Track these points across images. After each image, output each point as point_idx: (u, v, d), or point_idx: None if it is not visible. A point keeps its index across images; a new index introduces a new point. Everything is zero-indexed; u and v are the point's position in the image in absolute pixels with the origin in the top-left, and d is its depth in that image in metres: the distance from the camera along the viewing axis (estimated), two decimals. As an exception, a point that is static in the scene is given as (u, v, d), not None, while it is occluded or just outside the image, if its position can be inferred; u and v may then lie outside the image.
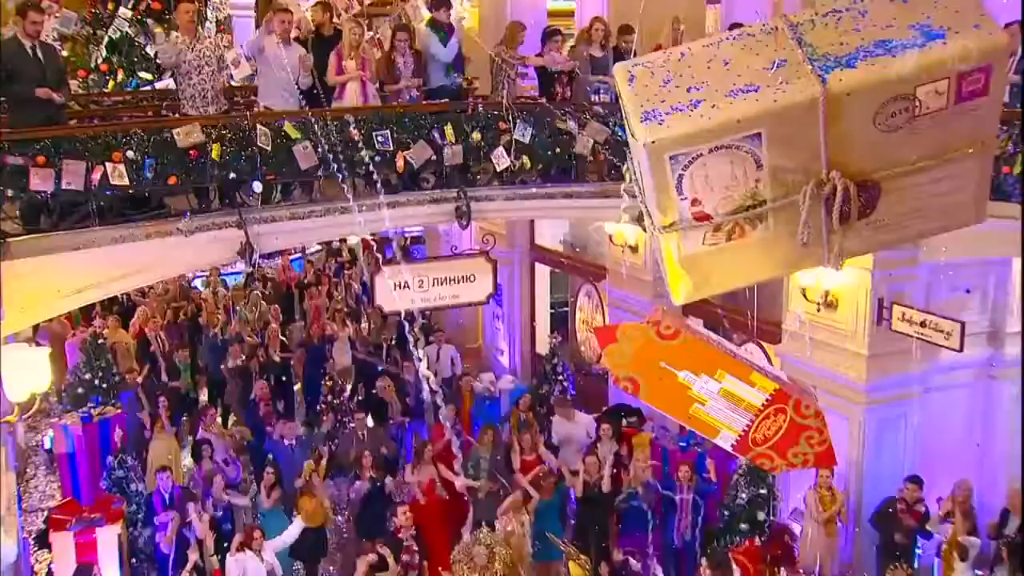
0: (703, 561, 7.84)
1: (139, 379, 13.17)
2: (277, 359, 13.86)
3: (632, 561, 9.42)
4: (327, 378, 12.86)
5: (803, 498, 9.93)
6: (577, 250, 15.00)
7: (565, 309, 16.14)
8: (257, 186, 9.41)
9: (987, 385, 10.62)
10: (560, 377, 13.51)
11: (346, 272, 18.99)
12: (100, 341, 12.43)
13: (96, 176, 8.72)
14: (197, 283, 18.30)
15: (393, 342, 15.00)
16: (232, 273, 18.06)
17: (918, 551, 9.78)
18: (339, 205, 9.81)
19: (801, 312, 10.30)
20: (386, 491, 10.56)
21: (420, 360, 14.27)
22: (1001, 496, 9.94)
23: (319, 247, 20.71)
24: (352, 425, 12.03)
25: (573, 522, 10.79)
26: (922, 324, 9.38)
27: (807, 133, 3.30)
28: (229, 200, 9.54)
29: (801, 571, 9.17)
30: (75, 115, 10.53)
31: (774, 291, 10.62)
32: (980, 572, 9.33)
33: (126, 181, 8.88)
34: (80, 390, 11.78)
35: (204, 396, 14.30)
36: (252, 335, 14.87)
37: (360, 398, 13.34)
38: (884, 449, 10.14)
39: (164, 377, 13.64)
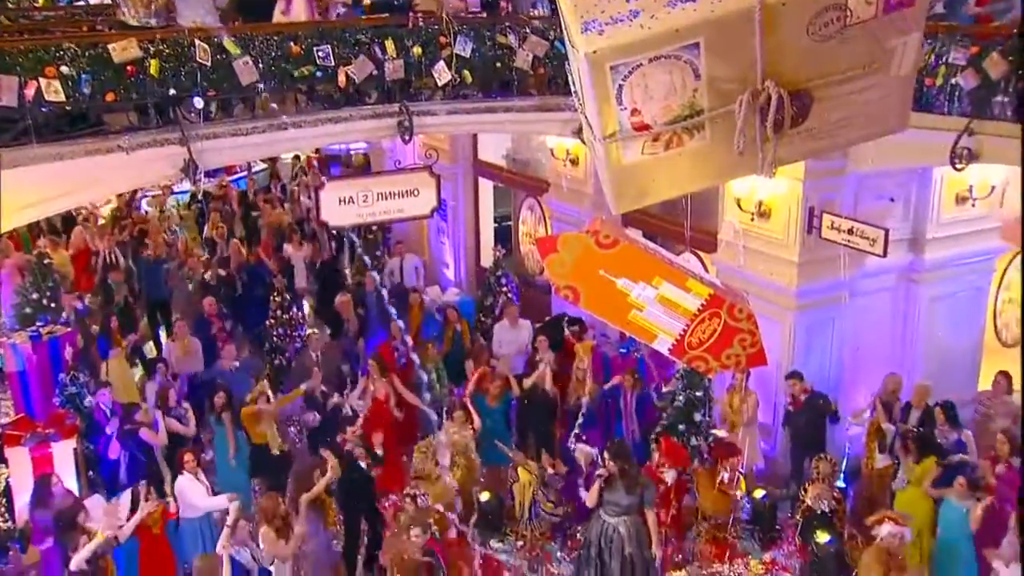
0: (605, 454, 8.09)
1: (89, 298, 12.93)
2: (224, 275, 13.64)
3: (580, 446, 9.64)
4: (275, 294, 12.75)
5: (720, 400, 10.22)
6: (519, 165, 14.93)
7: (508, 223, 16.13)
8: (198, 102, 9.15)
9: (907, 289, 10.94)
10: (504, 289, 13.58)
11: (294, 190, 18.69)
12: (46, 261, 12.14)
13: (30, 92, 8.40)
14: (144, 203, 17.91)
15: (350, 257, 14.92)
16: (179, 192, 17.68)
17: (846, 451, 10.15)
18: (281, 121, 9.60)
19: (736, 222, 10.44)
20: (339, 409, 10.55)
21: (376, 273, 14.30)
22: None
23: (264, 165, 20.34)
24: (305, 340, 11.96)
25: (516, 428, 10.96)
26: (849, 232, 9.59)
27: (744, 43, 3.31)
28: (170, 117, 9.25)
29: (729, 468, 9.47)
30: (4, 29, 10.05)
31: (710, 202, 10.73)
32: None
33: (62, 97, 8.57)
34: (28, 310, 11.54)
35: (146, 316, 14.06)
36: (198, 254, 14.64)
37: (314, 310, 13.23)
38: (813, 351, 10.45)
39: (116, 296, 13.35)
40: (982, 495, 8.30)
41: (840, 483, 9.32)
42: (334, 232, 15.26)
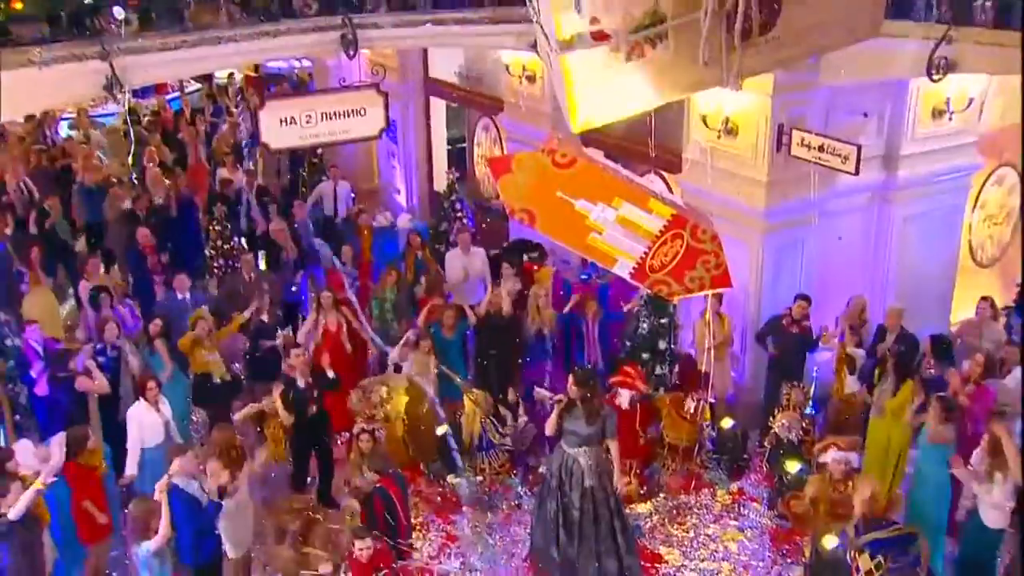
0: (570, 378, 8.16)
1: (7, 230, 12.61)
2: (160, 202, 13.37)
3: (537, 389, 9.75)
4: (214, 222, 12.54)
5: (693, 326, 10.33)
6: (473, 82, 14.71)
7: (463, 145, 15.97)
8: (119, 11, 8.82)
9: (880, 208, 11.06)
10: (459, 214, 13.52)
11: (232, 111, 18.30)
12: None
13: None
14: (63, 127, 17.42)
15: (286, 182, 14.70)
16: (106, 115, 17.21)
17: (813, 374, 10.37)
18: (213, 35, 9.32)
19: (702, 140, 10.42)
20: (282, 342, 10.50)
21: (310, 199, 14.13)
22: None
23: (198, 84, 19.85)
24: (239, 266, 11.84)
25: (474, 359, 11.02)
26: (820, 148, 9.60)
27: (707, -59, 3.26)
28: (88, 29, 8.93)
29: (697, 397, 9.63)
30: None
31: (674, 119, 10.68)
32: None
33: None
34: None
35: (81, 246, 13.80)
36: (126, 182, 14.32)
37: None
38: (781, 274, 10.55)
39: (32, 228, 13.03)
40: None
41: (809, 410, 9.52)
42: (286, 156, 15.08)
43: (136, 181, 15.01)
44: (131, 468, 8.60)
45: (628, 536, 8.24)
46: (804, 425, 9.37)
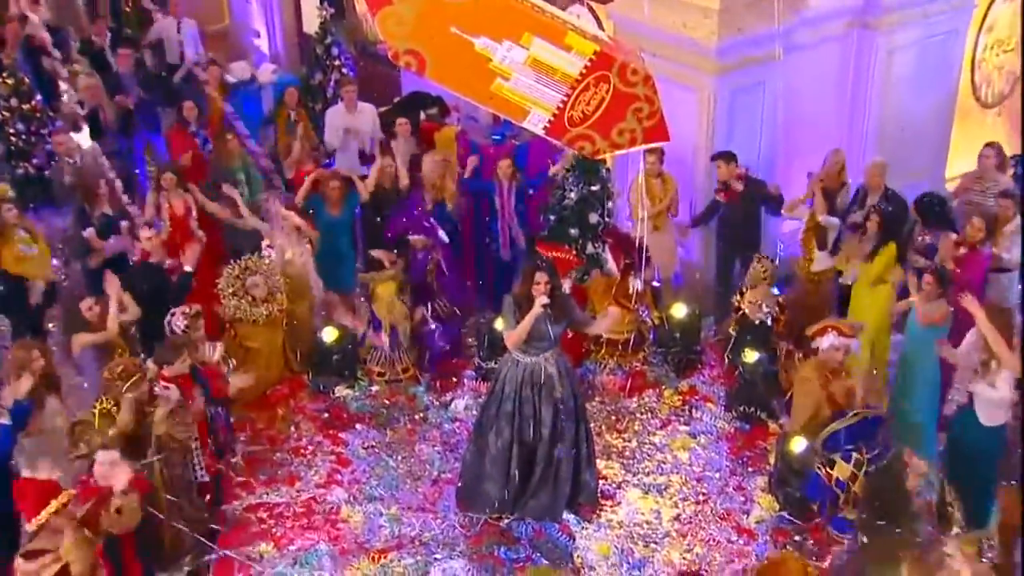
0: (536, 274, 8.24)
1: None
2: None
3: (413, 237, 10.09)
4: (4, 74, 12.33)
5: (627, 190, 10.60)
6: None
7: (337, -27, 15.85)
8: None
9: (860, 38, 11.33)
10: (337, 63, 13.52)
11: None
12: None
13: None
14: None
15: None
16: None
17: (779, 251, 10.79)
18: None
19: (637, -43, 10.54)
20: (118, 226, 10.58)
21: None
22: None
23: None
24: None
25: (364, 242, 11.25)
26: (784, -38, 9.78)
27: None
28: None
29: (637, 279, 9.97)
30: None
31: (604, -68, 10.78)
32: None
33: None
34: None
35: None
36: None
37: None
38: (738, 125, 10.85)
39: None
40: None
41: (773, 290, 9.99)
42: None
43: None
44: None
45: (592, 443, 8.59)
46: (779, 301, 9.86)
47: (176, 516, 7.86)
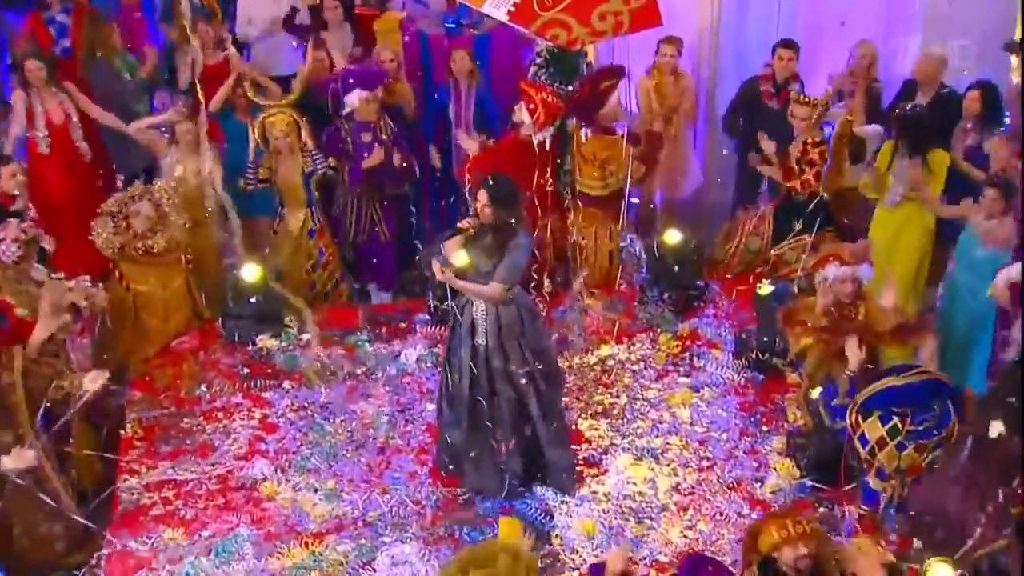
0: (481, 194, 8.15)
1: None
2: None
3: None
4: None
5: (632, 88, 10.51)
6: None
7: None
8: None
9: None
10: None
11: None
12: None
13: None
14: None
15: None
16: None
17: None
18: None
19: None
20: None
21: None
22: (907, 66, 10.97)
23: None
24: None
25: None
26: None
27: None
28: None
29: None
30: None
31: None
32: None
33: None
34: None
35: None
36: None
37: None
38: (750, 8, 10.98)
39: None
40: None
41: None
42: None
43: None
44: None
45: (560, 415, 8.48)
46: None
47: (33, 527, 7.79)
